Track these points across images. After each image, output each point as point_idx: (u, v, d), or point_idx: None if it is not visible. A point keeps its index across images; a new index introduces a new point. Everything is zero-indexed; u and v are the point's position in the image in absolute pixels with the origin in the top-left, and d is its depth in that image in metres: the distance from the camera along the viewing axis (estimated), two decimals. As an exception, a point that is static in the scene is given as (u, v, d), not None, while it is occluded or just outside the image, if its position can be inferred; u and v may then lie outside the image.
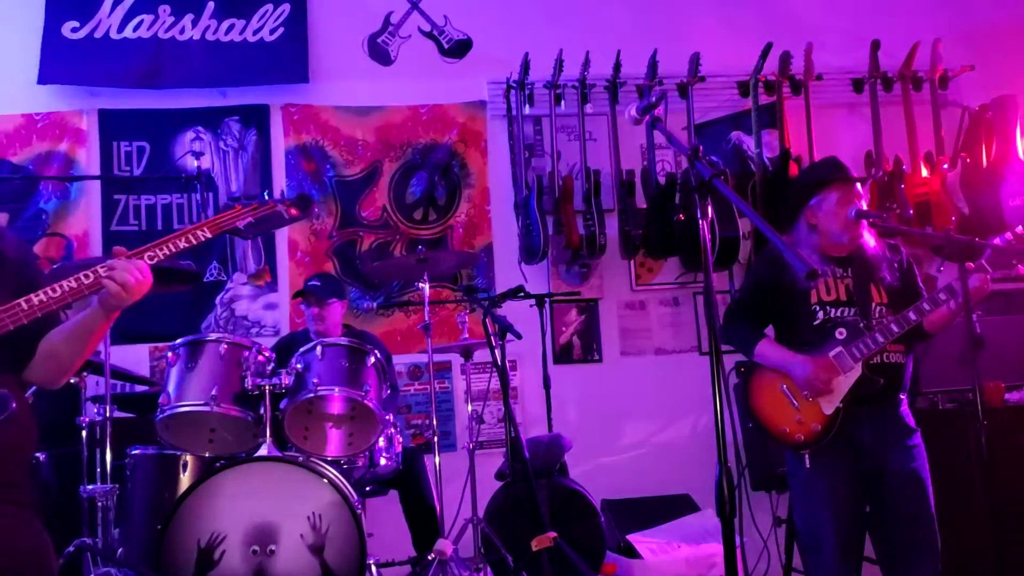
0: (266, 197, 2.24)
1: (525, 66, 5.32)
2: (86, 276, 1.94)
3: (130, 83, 5.30)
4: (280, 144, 5.44)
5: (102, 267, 1.95)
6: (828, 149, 5.35)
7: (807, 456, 3.17)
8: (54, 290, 1.90)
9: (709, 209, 2.28)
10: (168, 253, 2.02)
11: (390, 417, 4.00)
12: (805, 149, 5.30)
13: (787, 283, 3.25)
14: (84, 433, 3.88)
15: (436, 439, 4.20)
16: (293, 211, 2.23)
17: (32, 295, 1.89)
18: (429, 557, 3.91)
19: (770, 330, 3.44)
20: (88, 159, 5.28)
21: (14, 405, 1.86)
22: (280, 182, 5.40)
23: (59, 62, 5.24)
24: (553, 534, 3.75)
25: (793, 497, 3.43)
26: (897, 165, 5.35)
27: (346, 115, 5.49)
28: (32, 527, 2.00)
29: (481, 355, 4.70)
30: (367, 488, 4.22)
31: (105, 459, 3.82)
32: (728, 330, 3.40)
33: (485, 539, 4.13)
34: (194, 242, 2.07)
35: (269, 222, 2.21)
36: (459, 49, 5.68)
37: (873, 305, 3.21)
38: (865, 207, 3.28)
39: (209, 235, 2.10)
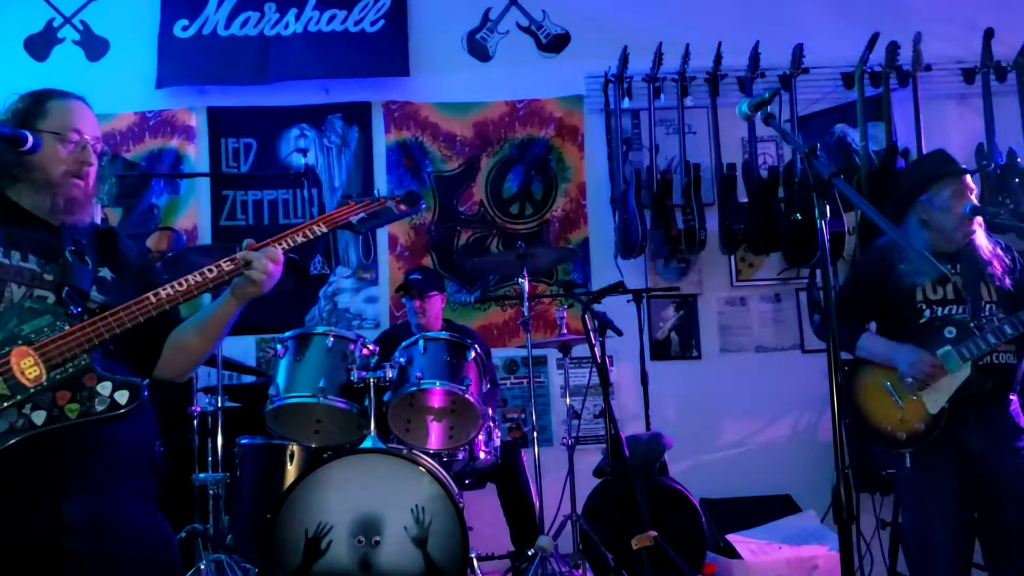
0: (377, 194, 2.31)
1: (623, 59, 5.29)
2: (210, 271, 2.01)
3: (237, 79, 5.45)
4: (381, 141, 5.53)
5: (227, 260, 2.02)
6: (937, 141, 5.18)
7: (908, 456, 3.08)
8: (180, 284, 1.98)
9: (827, 208, 2.23)
10: (288, 247, 2.10)
11: (490, 411, 4.02)
12: (913, 142, 5.14)
13: (893, 282, 3.17)
14: (195, 422, 4.00)
15: (535, 434, 4.21)
16: (402, 207, 2.31)
17: (159, 290, 1.96)
18: (530, 553, 3.91)
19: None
20: (197, 155, 5.45)
21: (146, 392, 1.92)
22: (381, 178, 5.50)
23: (174, 63, 5.42)
24: (654, 533, 3.71)
25: (899, 499, 3.34)
26: (1011, 158, 5.13)
27: (445, 111, 5.54)
28: (157, 517, 2.08)
29: (577, 350, 4.68)
30: (466, 481, 4.26)
31: (216, 448, 3.94)
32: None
33: (584, 536, 4.12)
34: (311, 236, 2.15)
35: (380, 217, 2.29)
36: (557, 43, 5.67)
37: (983, 303, 3.09)
38: (976, 202, 3.16)
39: (325, 230, 2.18)
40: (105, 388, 1.87)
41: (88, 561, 1.89)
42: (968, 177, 3.19)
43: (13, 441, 1.77)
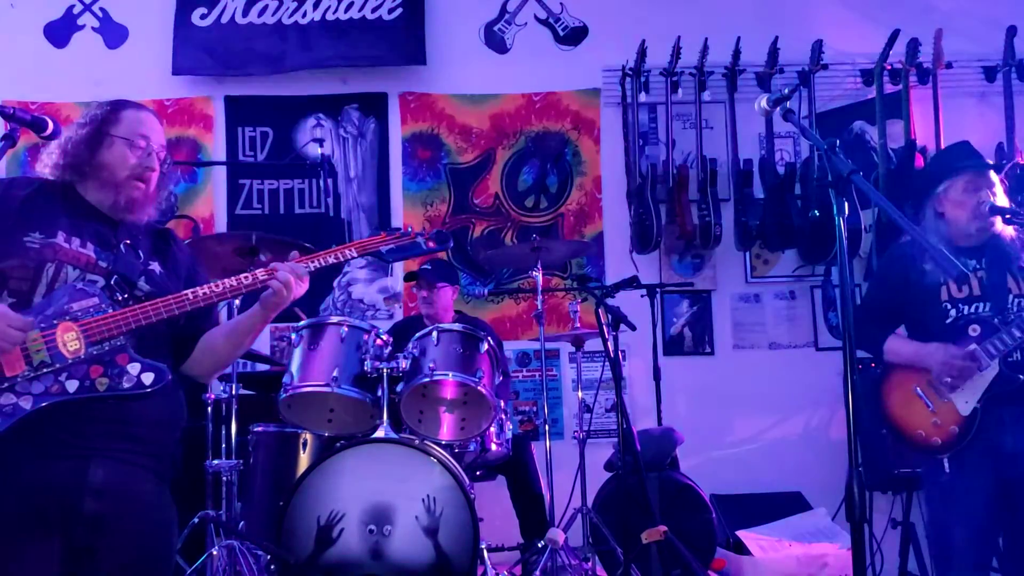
0: (410, 230, 2.47)
1: (641, 53, 5.27)
2: (245, 278, 2.18)
3: (256, 70, 5.45)
4: (397, 132, 5.54)
5: (263, 270, 2.19)
6: (956, 139, 5.13)
7: (946, 461, 3.00)
8: (216, 286, 2.15)
9: (846, 206, 2.22)
10: (319, 266, 2.28)
11: (502, 403, 4.02)
12: (932, 140, 5.10)
13: (915, 280, 3.12)
14: (210, 409, 4.01)
15: (548, 428, 4.21)
16: (431, 244, 2.47)
17: (198, 288, 2.14)
18: (540, 545, 3.92)
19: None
20: (215, 144, 5.47)
21: (170, 377, 2.08)
22: (396, 169, 5.51)
23: (190, 51, 5.42)
24: (663, 528, 3.71)
25: (929, 502, 3.25)
26: (1031, 157, 5.10)
27: (461, 103, 5.55)
28: (167, 500, 2.20)
29: (590, 344, 4.68)
30: (477, 472, 4.26)
31: (230, 435, 3.96)
32: (856, 332, 3.27)
33: (594, 529, 4.12)
34: (342, 259, 2.33)
35: (408, 251, 2.44)
36: (574, 36, 5.66)
37: (1011, 298, 3.01)
38: (994, 199, 3.09)
39: (355, 255, 2.36)
40: (134, 368, 2.05)
41: (101, 524, 2.02)
42: (992, 172, 3.13)
43: (46, 404, 1.96)
